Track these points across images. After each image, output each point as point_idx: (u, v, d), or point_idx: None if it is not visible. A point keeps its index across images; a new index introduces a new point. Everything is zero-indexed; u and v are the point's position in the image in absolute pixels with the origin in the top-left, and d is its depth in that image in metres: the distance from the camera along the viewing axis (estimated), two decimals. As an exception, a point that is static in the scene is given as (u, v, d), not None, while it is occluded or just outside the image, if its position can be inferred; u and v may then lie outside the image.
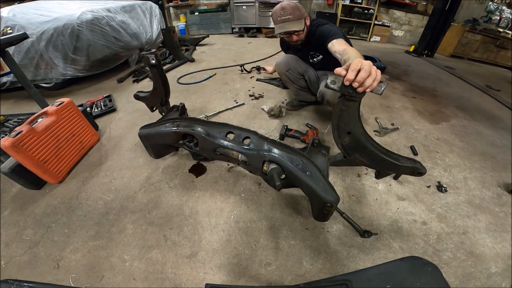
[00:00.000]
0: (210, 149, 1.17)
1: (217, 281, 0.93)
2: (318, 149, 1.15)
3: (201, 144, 1.18)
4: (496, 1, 4.92)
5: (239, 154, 1.12)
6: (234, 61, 3.46)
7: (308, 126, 1.82)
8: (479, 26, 4.74)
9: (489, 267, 0.98)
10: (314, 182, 0.93)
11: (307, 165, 0.99)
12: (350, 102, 0.80)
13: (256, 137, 1.11)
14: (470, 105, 2.51)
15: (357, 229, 1.09)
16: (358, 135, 0.91)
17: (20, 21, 2.17)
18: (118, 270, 0.96)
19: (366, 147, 0.94)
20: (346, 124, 0.89)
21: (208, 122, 1.24)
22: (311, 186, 0.92)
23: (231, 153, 1.13)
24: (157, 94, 1.54)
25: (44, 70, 2.36)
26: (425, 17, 5.06)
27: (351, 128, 0.90)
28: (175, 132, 1.23)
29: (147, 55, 1.30)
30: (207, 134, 1.16)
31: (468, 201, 1.28)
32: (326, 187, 0.91)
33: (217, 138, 1.15)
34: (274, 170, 0.98)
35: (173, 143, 1.31)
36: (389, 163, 0.95)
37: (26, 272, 0.96)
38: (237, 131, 1.16)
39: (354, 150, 0.98)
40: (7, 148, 1.10)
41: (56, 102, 1.42)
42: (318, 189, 0.90)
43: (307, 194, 0.99)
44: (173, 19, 5.96)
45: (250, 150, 1.08)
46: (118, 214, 1.19)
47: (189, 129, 1.19)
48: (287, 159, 1.01)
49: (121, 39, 2.72)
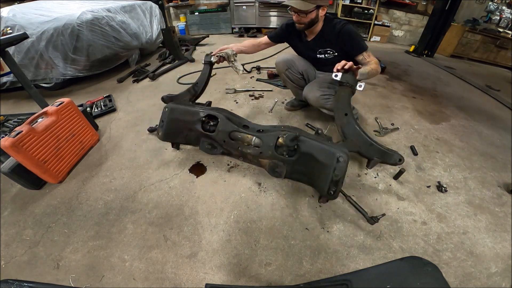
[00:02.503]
0: (227, 131, 1.29)
1: (217, 281, 0.93)
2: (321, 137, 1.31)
3: (221, 125, 1.30)
4: (496, 1, 4.92)
5: (253, 138, 1.24)
6: (234, 61, 3.46)
7: (308, 126, 1.82)
8: (479, 26, 4.74)
9: (489, 267, 0.98)
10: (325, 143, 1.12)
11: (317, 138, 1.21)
12: (346, 89, 1.24)
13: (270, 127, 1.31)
14: (470, 105, 2.51)
15: (364, 214, 1.11)
16: (350, 116, 1.24)
17: (20, 21, 2.17)
18: (118, 270, 0.96)
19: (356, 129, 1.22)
20: (343, 105, 1.25)
21: (230, 112, 1.43)
22: (323, 146, 1.09)
23: (245, 136, 1.26)
24: (195, 88, 1.68)
25: (44, 70, 2.36)
26: (425, 17, 5.06)
27: (347, 110, 1.24)
28: (201, 112, 1.37)
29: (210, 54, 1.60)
30: (228, 119, 1.32)
31: (468, 201, 1.28)
32: (334, 146, 1.10)
33: (236, 124, 1.32)
34: (290, 135, 1.11)
35: (192, 124, 1.38)
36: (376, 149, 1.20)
37: (26, 272, 0.96)
38: (252, 125, 1.35)
39: (349, 134, 1.24)
40: (7, 148, 1.10)
41: (56, 102, 1.42)
42: (329, 147, 1.07)
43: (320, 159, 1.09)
44: (173, 19, 5.95)
45: (266, 131, 1.26)
46: (118, 214, 1.19)
47: (215, 111, 1.36)
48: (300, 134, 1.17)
49: (121, 39, 2.72)
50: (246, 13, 5.36)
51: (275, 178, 1.38)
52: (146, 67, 3.26)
